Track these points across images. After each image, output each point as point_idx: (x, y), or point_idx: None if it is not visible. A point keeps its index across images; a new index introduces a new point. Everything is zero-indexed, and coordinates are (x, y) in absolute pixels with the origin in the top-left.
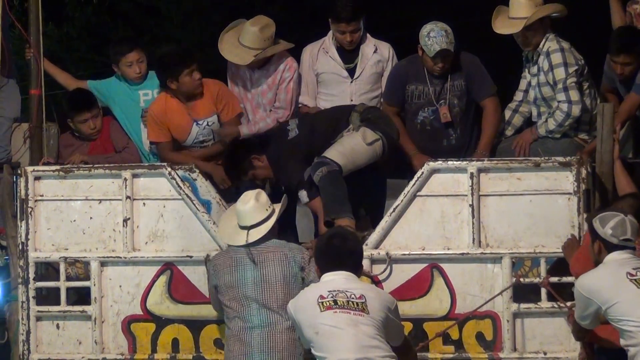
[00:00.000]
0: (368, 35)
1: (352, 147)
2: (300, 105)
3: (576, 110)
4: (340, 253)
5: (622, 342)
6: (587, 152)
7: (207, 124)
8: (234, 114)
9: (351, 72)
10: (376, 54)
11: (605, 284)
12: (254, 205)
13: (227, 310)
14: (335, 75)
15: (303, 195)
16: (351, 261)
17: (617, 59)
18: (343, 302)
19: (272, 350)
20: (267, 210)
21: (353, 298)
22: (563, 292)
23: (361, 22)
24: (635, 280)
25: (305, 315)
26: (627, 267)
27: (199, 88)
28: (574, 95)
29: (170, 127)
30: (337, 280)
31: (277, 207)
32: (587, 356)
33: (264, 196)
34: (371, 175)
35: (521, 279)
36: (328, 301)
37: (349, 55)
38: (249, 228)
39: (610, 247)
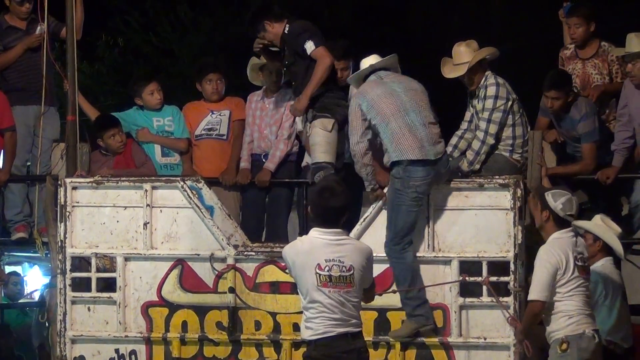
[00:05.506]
0: None
1: (326, 142)
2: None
3: (491, 140)
4: (331, 210)
5: (555, 300)
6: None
7: (220, 115)
8: (242, 117)
9: None
10: None
11: (563, 258)
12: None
13: (382, 119)
14: None
15: (310, 45)
16: (338, 217)
17: (549, 93)
18: (336, 278)
19: (435, 144)
20: None
21: (344, 270)
22: (499, 290)
23: (350, 63)
24: (577, 266)
25: (303, 278)
26: (574, 251)
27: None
28: (493, 128)
29: (190, 117)
30: (330, 242)
31: None
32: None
33: None
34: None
35: (466, 278)
36: (324, 276)
37: None
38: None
39: (557, 219)
